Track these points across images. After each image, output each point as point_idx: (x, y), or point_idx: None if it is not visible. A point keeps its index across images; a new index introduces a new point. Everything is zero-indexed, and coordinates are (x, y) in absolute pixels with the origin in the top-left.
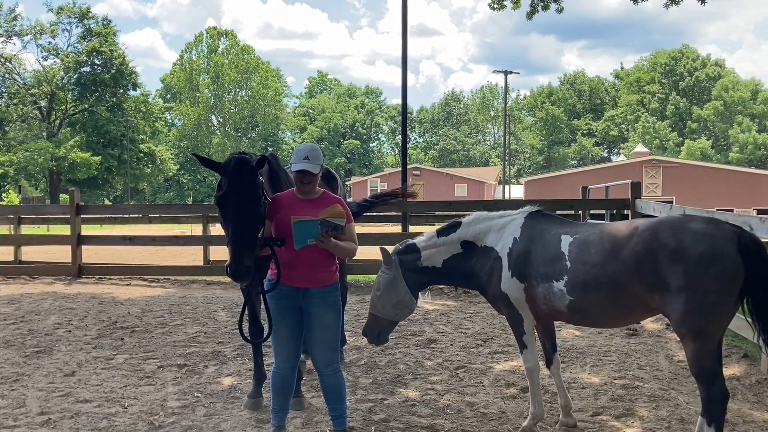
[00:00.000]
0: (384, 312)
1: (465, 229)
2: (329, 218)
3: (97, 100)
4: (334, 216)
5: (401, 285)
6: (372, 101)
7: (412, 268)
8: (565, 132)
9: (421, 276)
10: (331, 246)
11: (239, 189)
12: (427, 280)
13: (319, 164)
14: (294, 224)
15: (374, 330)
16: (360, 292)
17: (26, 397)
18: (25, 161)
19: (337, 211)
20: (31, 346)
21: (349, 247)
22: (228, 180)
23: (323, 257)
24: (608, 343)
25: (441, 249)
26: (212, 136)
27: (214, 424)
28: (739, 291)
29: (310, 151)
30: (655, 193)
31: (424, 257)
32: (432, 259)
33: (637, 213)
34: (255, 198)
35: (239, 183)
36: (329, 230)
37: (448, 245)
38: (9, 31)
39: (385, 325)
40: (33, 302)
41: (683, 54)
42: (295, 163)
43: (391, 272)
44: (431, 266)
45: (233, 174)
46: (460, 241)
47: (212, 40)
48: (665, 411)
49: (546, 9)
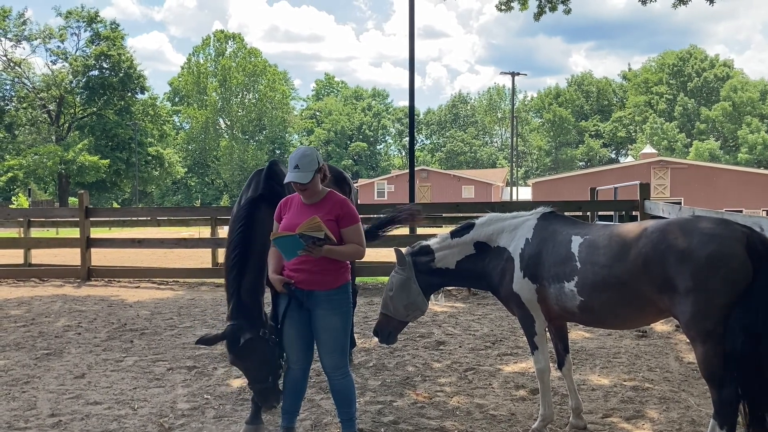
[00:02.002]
0: (395, 312)
1: (478, 230)
2: (306, 232)
3: (106, 104)
4: (312, 229)
5: (414, 286)
6: (379, 103)
7: (426, 270)
8: (573, 133)
9: (434, 278)
10: (324, 253)
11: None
12: (440, 282)
13: (312, 170)
14: (274, 241)
15: (385, 330)
16: (368, 294)
17: (37, 399)
18: (34, 165)
19: (314, 223)
20: (42, 348)
21: (351, 251)
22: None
23: (327, 260)
24: (618, 345)
25: (454, 250)
26: (220, 139)
27: (224, 426)
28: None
29: (300, 159)
30: (664, 195)
31: (438, 258)
32: (445, 260)
33: (646, 214)
34: (253, 358)
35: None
36: (314, 241)
37: (461, 246)
38: (18, 35)
39: (395, 325)
40: (43, 305)
41: (691, 54)
42: (288, 173)
43: (404, 273)
44: (444, 267)
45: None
46: (473, 243)
47: (219, 43)
48: (676, 413)
49: (553, 10)
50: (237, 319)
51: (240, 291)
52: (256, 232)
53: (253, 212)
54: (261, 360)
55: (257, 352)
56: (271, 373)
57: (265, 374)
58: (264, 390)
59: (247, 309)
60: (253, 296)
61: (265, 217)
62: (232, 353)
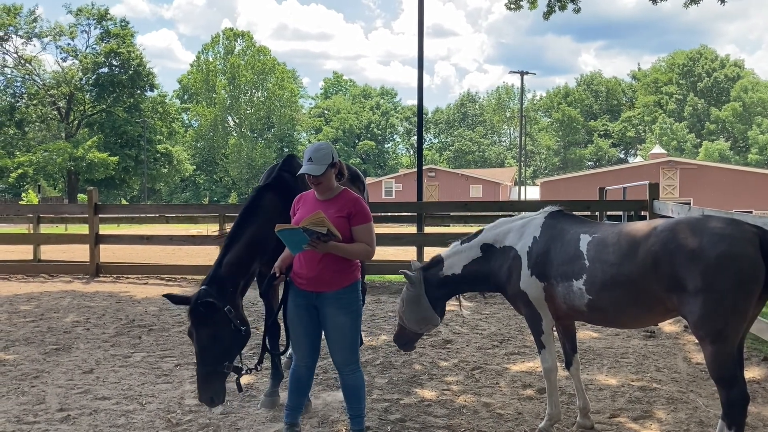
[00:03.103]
0: (409, 325)
1: (486, 233)
2: (310, 227)
3: (115, 101)
4: (315, 224)
5: (424, 302)
6: (387, 102)
7: (435, 282)
8: (582, 133)
9: (443, 288)
10: (330, 249)
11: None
12: (449, 291)
13: (325, 164)
14: (278, 233)
15: (402, 339)
16: (375, 292)
17: (46, 394)
18: (44, 161)
19: (318, 218)
20: (51, 343)
21: (359, 250)
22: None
23: (335, 259)
24: (626, 345)
25: (462, 255)
26: (228, 137)
27: (231, 422)
28: (760, 293)
29: (315, 152)
30: (673, 195)
31: (446, 266)
32: (453, 266)
33: (655, 214)
34: (207, 329)
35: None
36: (319, 236)
37: (468, 250)
38: (29, 32)
39: (411, 336)
40: (52, 300)
41: (701, 54)
42: (302, 166)
43: (414, 290)
44: (452, 274)
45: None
46: (480, 245)
47: (228, 41)
48: (684, 414)
49: (563, 9)
50: (209, 286)
51: (221, 263)
52: (255, 217)
53: (256, 199)
54: (215, 336)
55: (214, 325)
56: (222, 360)
57: (214, 357)
58: (208, 375)
59: (222, 281)
60: (232, 272)
61: (270, 205)
62: (190, 316)
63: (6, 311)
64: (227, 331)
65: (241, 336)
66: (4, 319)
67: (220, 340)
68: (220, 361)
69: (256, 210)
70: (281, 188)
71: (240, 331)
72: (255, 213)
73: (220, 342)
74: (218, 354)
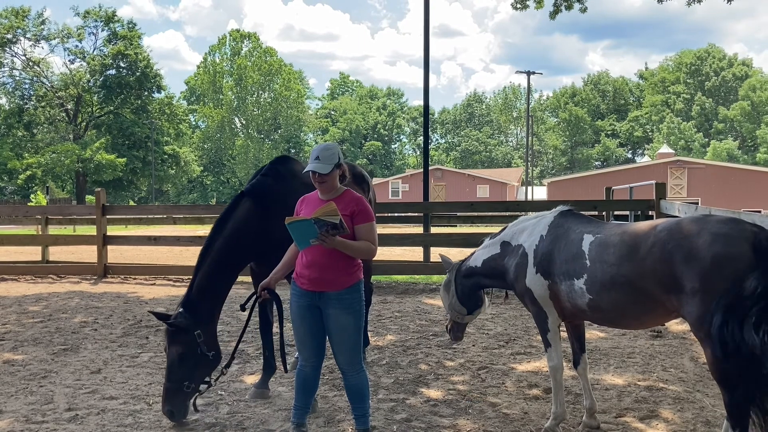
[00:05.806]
0: (446, 311)
1: (507, 230)
2: (323, 217)
3: (122, 103)
4: (328, 214)
5: (452, 289)
6: (393, 102)
7: (464, 271)
8: (589, 133)
9: (469, 279)
10: (337, 245)
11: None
12: (474, 282)
13: (332, 163)
14: (288, 225)
15: (448, 326)
16: (381, 293)
17: (54, 394)
18: (52, 163)
19: (330, 209)
20: (59, 343)
21: (362, 247)
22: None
23: (338, 259)
24: (632, 345)
25: (485, 250)
26: (235, 138)
27: (237, 421)
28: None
29: (322, 151)
30: (680, 195)
31: (472, 258)
32: (477, 259)
33: (662, 214)
34: (175, 350)
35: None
36: (328, 229)
37: (491, 246)
38: (37, 35)
39: (454, 325)
40: (60, 301)
41: (709, 53)
42: (309, 164)
43: (448, 276)
44: (474, 266)
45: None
46: (500, 242)
47: (235, 42)
48: (690, 413)
49: (569, 8)
50: (184, 309)
51: (192, 287)
52: (225, 229)
53: (229, 210)
54: (181, 357)
55: (182, 346)
56: (184, 380)
57: (178, 375)
58: (170, 391)
59: (194, 306)
60: (204, 296)
61: (246, 213)
62: (164, 334)
63: (15, 312)
64: (193, 354)
65: (208, 360)
66: (13, 319)
67: (185, 360)
68: (182, 380)
69: (227, 221)
70: (259, 194)
71: (207, 356)
72: (223, 226)
73: (185, 363)
74: (182, 374)
